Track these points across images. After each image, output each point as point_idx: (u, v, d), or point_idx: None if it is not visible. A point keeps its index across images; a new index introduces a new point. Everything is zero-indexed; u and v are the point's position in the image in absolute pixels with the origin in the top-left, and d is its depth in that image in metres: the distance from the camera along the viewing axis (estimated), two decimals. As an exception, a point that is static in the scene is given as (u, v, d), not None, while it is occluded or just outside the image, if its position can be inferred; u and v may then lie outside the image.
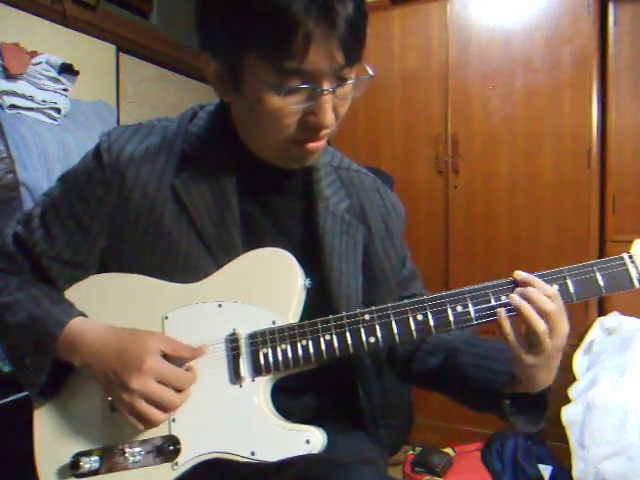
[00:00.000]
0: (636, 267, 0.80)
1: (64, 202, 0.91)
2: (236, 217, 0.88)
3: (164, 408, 0.80)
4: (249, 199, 0.90)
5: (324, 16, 0.70)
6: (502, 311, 0.79)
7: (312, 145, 0.82)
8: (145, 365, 0.78)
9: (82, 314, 0.87)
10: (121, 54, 2.51)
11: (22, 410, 0.93)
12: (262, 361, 0.81)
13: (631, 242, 0.83)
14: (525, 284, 0.79)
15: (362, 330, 0.81)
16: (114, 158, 0.88)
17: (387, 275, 0.99)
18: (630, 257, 0.81)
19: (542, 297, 0.77)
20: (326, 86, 0.75)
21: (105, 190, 0.88)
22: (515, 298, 0.78)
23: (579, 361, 2.05)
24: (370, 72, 0.79)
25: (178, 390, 0.81)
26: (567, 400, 1.88)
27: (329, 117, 0.77)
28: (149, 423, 0.80)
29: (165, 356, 0.82)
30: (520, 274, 0.80)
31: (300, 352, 0.81)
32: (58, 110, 2.02)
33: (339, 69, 0.75)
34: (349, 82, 0.78)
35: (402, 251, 1.04)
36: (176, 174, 0.88)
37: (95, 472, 0.84)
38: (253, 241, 0.88)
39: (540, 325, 0.76)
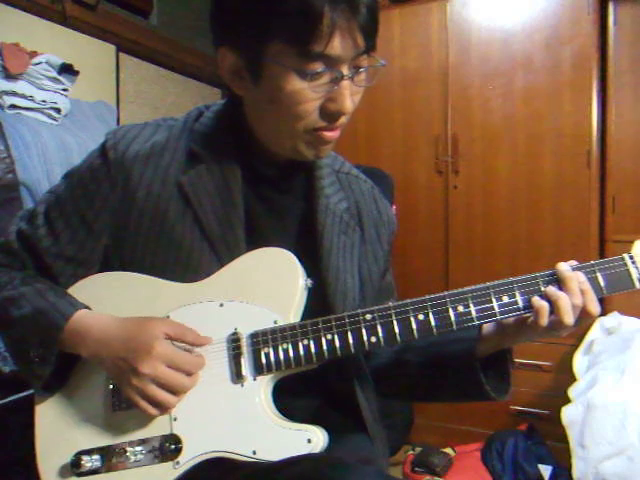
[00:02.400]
0: (637, 268, 0.80)
1: (68, 199, 0.91)
2: (241, 215, 0.88)
3: (175, 391, 0.80)
4: (253, 197, 0.91)
5: (347, 1, 0.73)
6: (537, 299, 0.78)
7: (329, 134, 0.83)
8: (154, 350, 0.79)
9: (87, 307, 0.88)
10: (121, 54, 2.51)
11: (22, 410, 0.94)
12: (263, 360, 0.81)
13: (631, 242, 0.83)
14: (564, 279, 0.79)
15: (364, 330, 0.81)
16: (120, 156, 0.88)
17: (373, 281, 1.00)
18: (631, 257, 0.81)
19: (578, 291, 0.78)
20: (346, 72, 0.78)
21: (110, 187, 0.88)
22: (552, 289, 0.78)
23: (579, 361, 2.05)
24: (382, 61, 0.82)
25: (188, 374, 0.82)
26: (567, 400, 1.88)
27: (348, 102, 0.79)
28: (161, 407, 0.80)
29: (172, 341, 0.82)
30: (563, 266, 0.80)
31: (301, 352, 0.81)
32: (58, 110, 2.02)
33: (359, 54, 0.78)
34: (364, 68, 0.81)
35: (387, 261, 1.05)
36: (182, 172, 0.88)
37: (96, 471, 0.84)
38: (256, 239, 0.88)
39: (571, 319, 0.78)
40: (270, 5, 0.74)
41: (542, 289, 0.80)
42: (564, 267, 0.80)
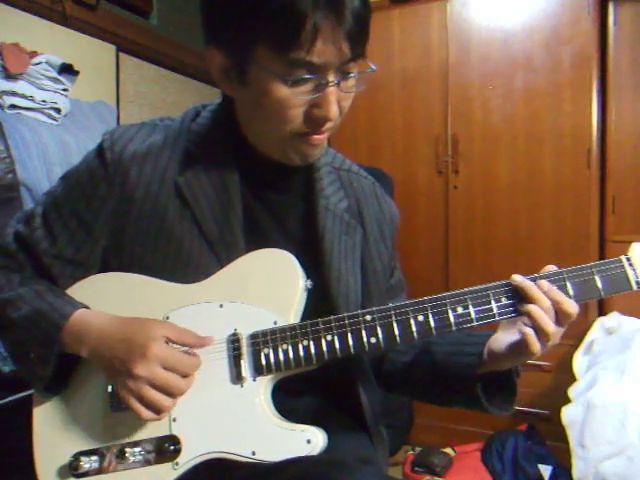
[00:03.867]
0: (634, 270, 0.80)
1: (66, 200, 0.91)
2: (239, 215, 0.88)
3: (170, 393, 0.79)
4: (251, 198, 0.91)
5: (332, 8, 0.72)
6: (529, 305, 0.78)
7: (315, 138, 0.83)
8: (149, 351, 0.78)
9: (86, 307, 0.87)
10: (121, 54, 2.51)
11: (22, 410, 0.93)
12: (263, 361, 0.81)
13: (631, 242, 0.84)
14: (522, 289, 0.79)
15: (363, 331, 0.80)
16: (117, 156, 0.88)
17: (379, 279, 1.00)
18: (628, 260, 0.81)
19: (541, 295, 0.78)
20: (331, 78, 0.77)
21: (108, 188, 0.88)
22: (525, 306, 0.78)
23: (579, 361, 2.05)
24: (372, 67, 0.81)
25: (184, 375, 0.81)
26: (567, 400, 1.88)
27: (334, 109, 0.78)
28: (156, 410, 0.79)
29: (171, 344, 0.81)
30: (517, 279, 0.80)
31: (301, 352, 0.81)
32: (58, 110, 2.03)
33: (345, 61, 0.77)
34: (352, 75, 0.80)
35: (393, 258, 1.05)
36: (179, 172, 0.88)
37: (95, 472, 0.83)
38: (255, 240, 0.88)
39: (550, 326, 0.77)
40: (255, 10, 0.73)
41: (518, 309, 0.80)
42: (517, 278, 0.80)
